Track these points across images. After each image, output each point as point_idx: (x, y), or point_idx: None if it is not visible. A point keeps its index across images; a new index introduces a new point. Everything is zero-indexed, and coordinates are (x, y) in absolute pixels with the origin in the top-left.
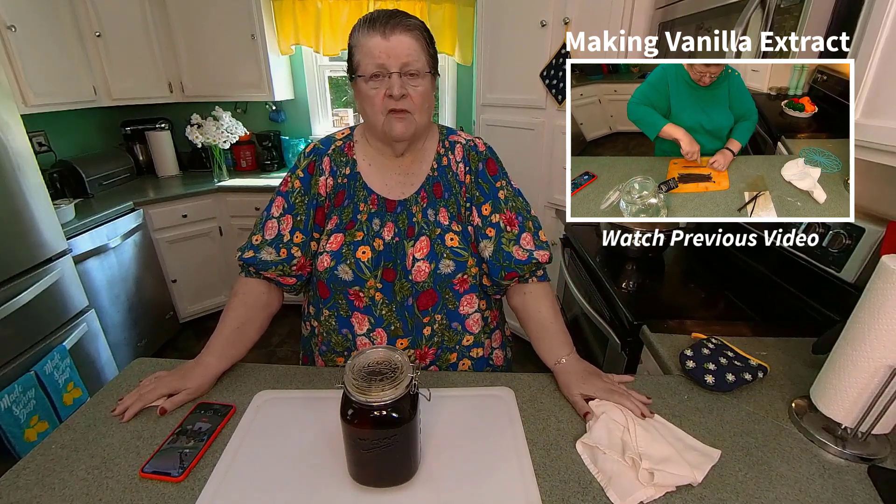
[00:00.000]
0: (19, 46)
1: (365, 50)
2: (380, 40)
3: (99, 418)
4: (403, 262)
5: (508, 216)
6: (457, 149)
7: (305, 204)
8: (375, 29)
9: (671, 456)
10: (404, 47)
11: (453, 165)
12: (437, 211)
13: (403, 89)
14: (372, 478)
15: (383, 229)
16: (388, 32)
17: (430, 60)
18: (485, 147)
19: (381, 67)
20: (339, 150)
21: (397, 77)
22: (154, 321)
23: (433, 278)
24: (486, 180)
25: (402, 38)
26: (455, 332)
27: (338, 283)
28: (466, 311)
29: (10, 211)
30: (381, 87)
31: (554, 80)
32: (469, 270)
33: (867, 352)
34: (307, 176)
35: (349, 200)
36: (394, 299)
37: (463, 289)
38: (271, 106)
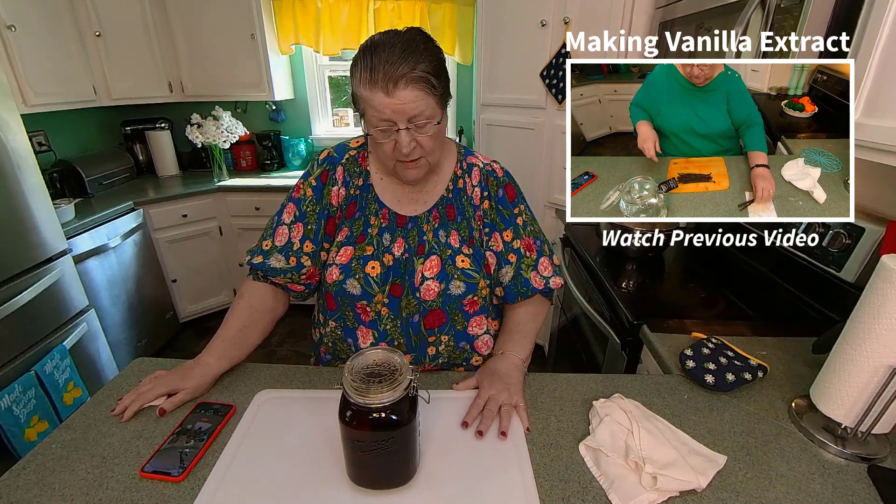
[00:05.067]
0: (19, 46)
1: (370, 104)
2: (383, 98)
3: (99, 418)
4: (412, 279)
5: (527, 242)
6: (474, 172)
7: (317, 213)
8: (377, 85)
9: (675, 461)
10: (409, 102)
11: (469, 189)
12: (448, 233)
13: (412, 143)
14: (370, 480)
15: (393, 245)
16: (392, 89)
17: (440, 100)
18: (502, 172)
19: (387, 123)
20: (353, 160)
21: (405, 133)
22: (154, 321)
23: (443, 298)
24: (506, 206)
25: (406, 93)
26: (464, 350)
27: (345, 297)
28: (476, 332)
29: (10, 211)
30: (389, 138)
31: (554, 79)
32: (480, 292)
33: (867, 352)
34: (320, 185)
35: (360, 213)
36: (399, 315)
37: (473, 310)
38: (271, 106)
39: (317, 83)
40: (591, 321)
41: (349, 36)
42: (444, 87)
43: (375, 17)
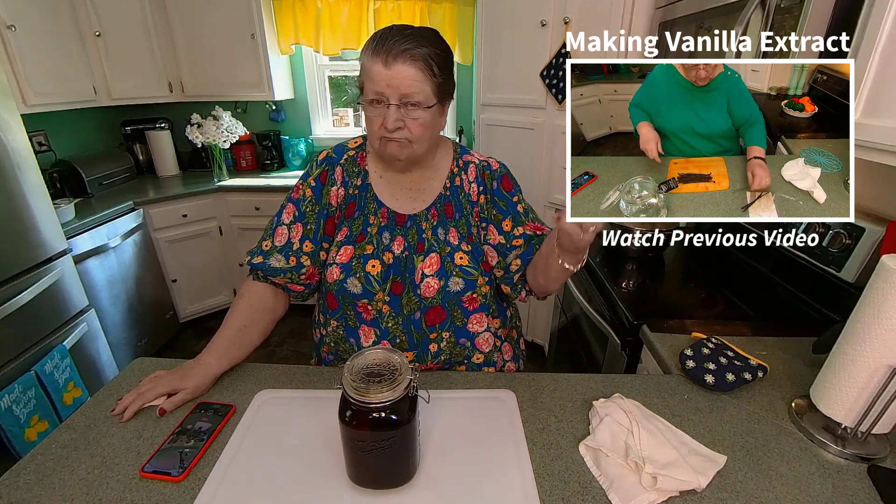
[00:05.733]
0: (19, 46)
1: (368, 75)
2: (381, 68)
3: (99, 418)
4: (412, 277)
5: (534, 225)
6: (470, 169)
7: (316, 213)
8: (379, 55)
9: (675, 461)
10: (404, 78)
11: (465, 186)
12: (447, 230)
13: (400, 122)
14: (370, 479)
15: (393, 243)
16: (391, 61)
17: (437, 89)
18: (498, 165)
19: (379, 95)
20: (351, 160)
21: (395, 109)
22: (154, 321)
23: (442, 295)
24: (502, 198)
25: (403, 68)
26: (464, 347)
27: (347, 296)
28: (476, 330)
29: (10, 211)
30: (379, 115)
31: (554, 79)
32: (479, 289)
33: (867, 352)
34: (319, 185)
35: (360, 212)
36: (400, 312)
37: (472, 307)
38: (271, 106)
39: (317, 83)
40: (591, 321)
41: (349, 36)
42: (445, 79)
43: (375, 17)
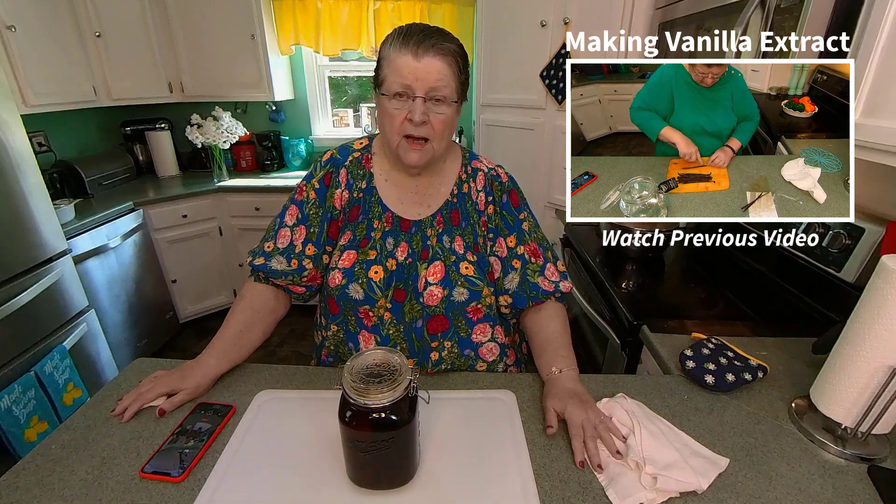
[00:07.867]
0: (19, 46)
1: (394, 66)
2: (410, 60)
3: (99, 418)
4: (415, 284)
5: (532, 248)
6: (478, 176)
7: (319, 216)
8: (408, 47)
9: (676, 462)
10: (434, 71)
11: (473, 194)
12: (452, 238)
13: (425, 116)
14: (370, 480)
15: (396, 249)
16: (421, 53)
17: (460, 87)
18: (507, 177)
19: (406, 88)
20: (356, 162)
21: (421, 102)
22: (154, 321)
23: (446, 304)
24: (510, 212)
25: (434, 61)
26: (468, 358)
27: (348, 302)
28: (480, 340)
29: (10, 211)
30: (403, 108)
31: (554, 80)
32: (484, 300)
33: (867, 352)
34: (323, 188)
35: (364, 216)
36: (402, 320)
37: (476, 317)
38: (271, 106)
39: (317, 83)
40: (591, 321)
41: (349, 36)
42: (466, 78)
43: (375, 17)
